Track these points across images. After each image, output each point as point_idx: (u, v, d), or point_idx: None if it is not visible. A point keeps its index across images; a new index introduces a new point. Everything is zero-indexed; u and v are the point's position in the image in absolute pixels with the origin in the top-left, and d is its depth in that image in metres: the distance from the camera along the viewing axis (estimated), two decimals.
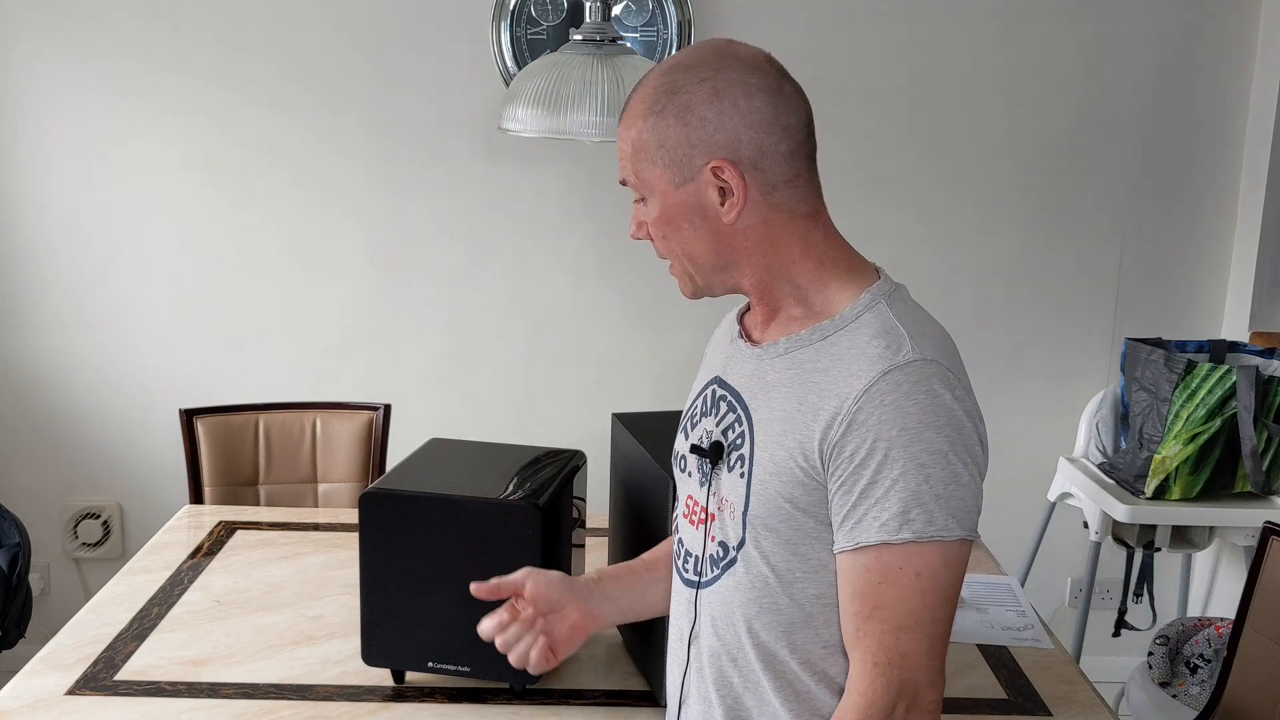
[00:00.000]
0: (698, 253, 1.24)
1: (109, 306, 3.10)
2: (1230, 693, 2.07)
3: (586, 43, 2.02)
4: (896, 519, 1.11)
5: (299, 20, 2.98)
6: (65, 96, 2.99)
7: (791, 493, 1.18)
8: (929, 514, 1.11)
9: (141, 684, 1.72)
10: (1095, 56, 3.08)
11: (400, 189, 3.08)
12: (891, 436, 1.11)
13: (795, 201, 1.21)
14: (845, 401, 1.14)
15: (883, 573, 1.13)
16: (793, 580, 1.21)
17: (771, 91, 1.19)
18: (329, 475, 2.74)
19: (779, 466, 1.19)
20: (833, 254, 1.24)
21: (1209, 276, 3.22)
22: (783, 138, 1.19)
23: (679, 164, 1.20)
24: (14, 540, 2.76)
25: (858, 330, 1.18)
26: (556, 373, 3.19)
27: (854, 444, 1.13)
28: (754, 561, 1.22)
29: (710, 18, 2.99)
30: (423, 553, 1.66)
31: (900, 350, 1.14)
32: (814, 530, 1.18)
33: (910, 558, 1.12)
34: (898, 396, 1.12)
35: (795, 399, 1.19)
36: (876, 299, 1.21)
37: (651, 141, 1.21)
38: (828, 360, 1.18)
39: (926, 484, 1.11)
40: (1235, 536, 2.80)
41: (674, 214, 1.23)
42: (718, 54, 1.20)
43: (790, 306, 1.25)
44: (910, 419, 1.11)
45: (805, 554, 1.20)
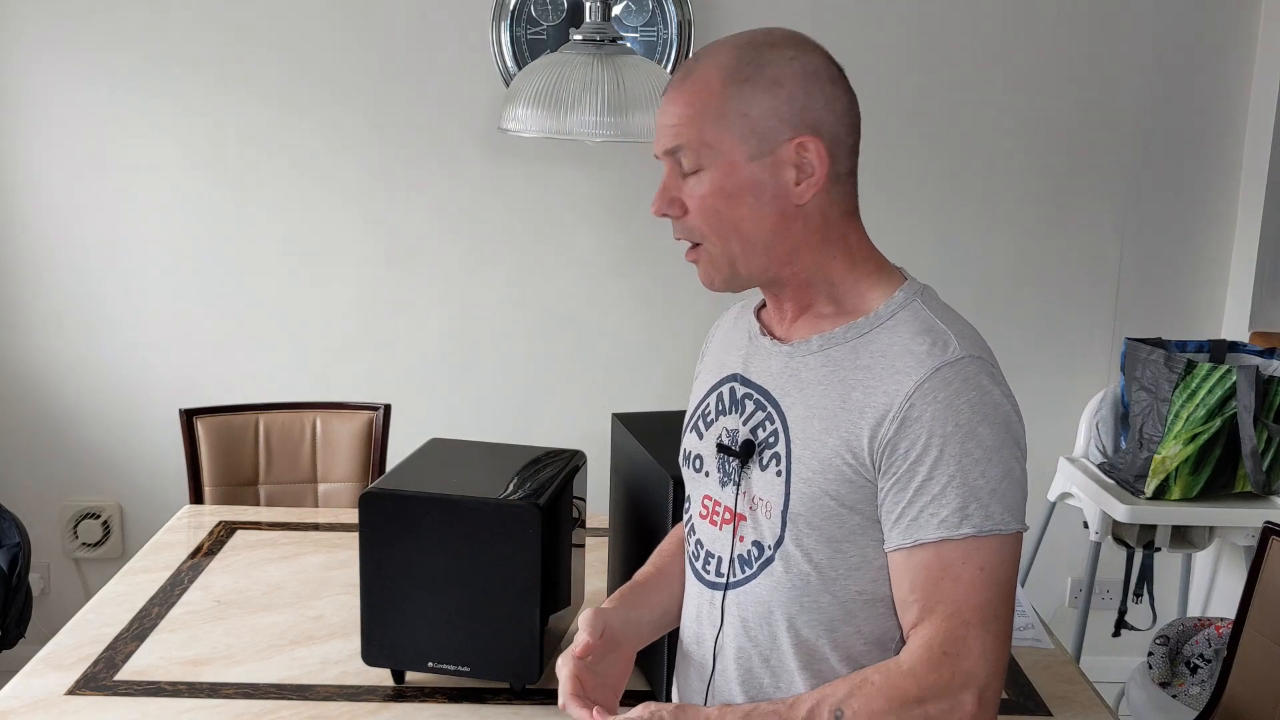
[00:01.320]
0: (753, 232, 1.20)
1: (109, 306, 3.10)
2: (1230, 693, 2.07)
3: (586, 43, 2.02)
4: (956, 515, 1.12)
5: (300, 20, 2.98)
6: (66, 94, 2.99)
7: (837, 490, 1.18)
8: (986, 509, 1.12)
9: (141, 684, 1.72)
10: (1096, 56, 3.08)
11: (401, 189, 3.08)
12: (946, 433, 1.12)
13: (844, 198, 1.22)
14: (896, 399, 1.14)
15: (943, 568, 1.13)
16: (835, 577, 1.20)
17: (846, 86, 1.21)
18: (329, 475, 2.74)
19: (823, 464, 1.18)
20: (864, 254, 1.24)
21: (1209, 276, 3.22)
22: (850, 131, 1.21)
23: (760, 135, 1.17)
24: (14, 540, 2.76)
25: (896, 329, 1.19)
26: (557, 373, 3.19)
27: (908, 441, 1.13)
28: (794, 560, 1.21)
29: (710, 18, 2.99)
30: (423, 553, 1.66)
31: (948, 348, 1.15)
32: (859, 526, 1.18)
33: (971, 553, 1.13)
34: (949, 394, 1.13)
35: (837, 396, 1.19)
36: (910, 298, 1.22)
37: (732, 110, 1.17)
38: (868, 358, 1.18)
39: (983, 479, 1.12)
40: (1235, 536, 2.80)
41: (739, 188, 1.19)
42: (798, 40, 1.21)
43: (822, 304, 1.24)
44: (963, 415, 1.12)
45: (847, 551, 1.19)
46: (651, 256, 3.13)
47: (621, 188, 3.09)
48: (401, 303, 3.14)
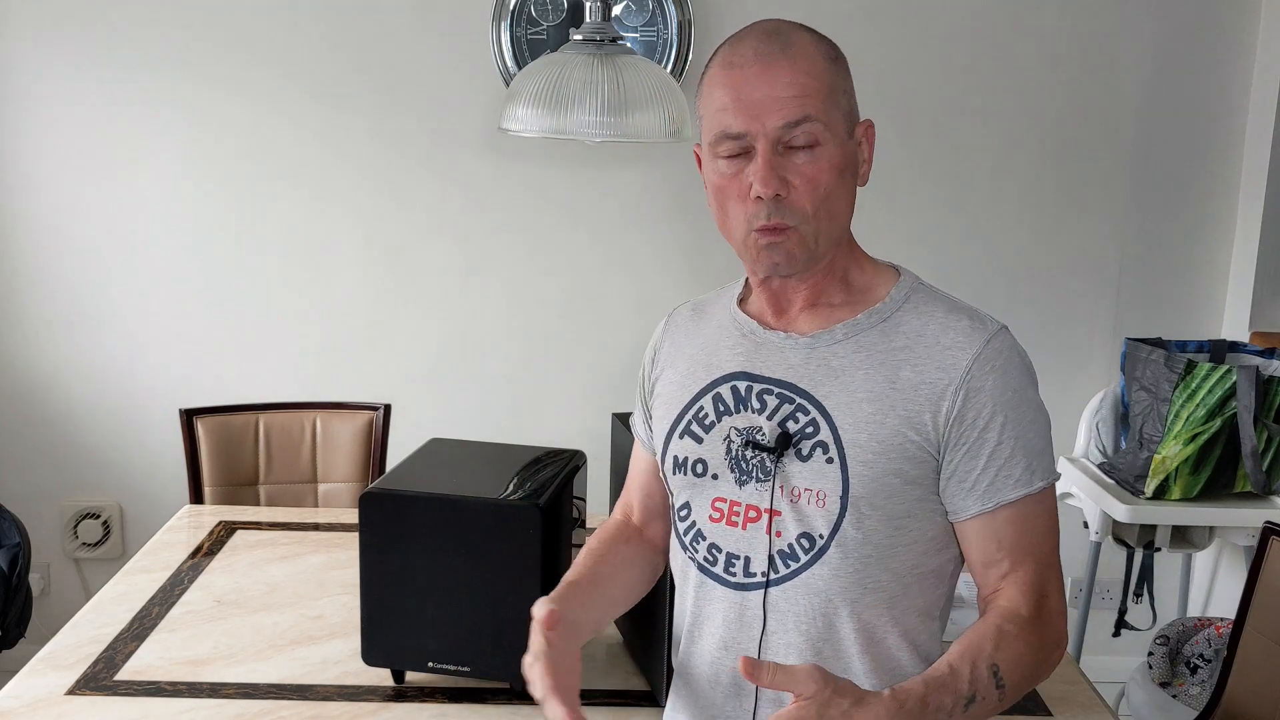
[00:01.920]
0: (843, 211, 1.26)
1: (109, 306, 3.10)
2: (1230, 693, 2.07)
3: (586, 43, 2.02)
4: (1027, 473, 1.21)
5: (299, 20, 2.98)
6: (66, 97, 2.99)
7: (900, 467, 1.22)
8: (1044, 461, 1.23)
9: (141, 684, 1.72)
10: (1096, 56, 3.08)
11: (400, 188, 3.08)
12: (1007, 400, 1.21)
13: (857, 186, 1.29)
14: (955, 373, 1.21)
15: (1024, 522, 1.22)
16: (894, 554, 1.24)
17: None
18: (329, 475, 2.74)
19: (883, 444, 1.21)
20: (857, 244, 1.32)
21: (1209, 276, 3.22)
22: None
23: (849, 115, 1.24)
24: (14, 540, 2.76)
25: (921, 311, 1.26)
26: (556, 373, 3.19)
27: (974, 411, 1.20)
28: (852, 544, 1.23)
29: (710, 18, 2.99)
30: (423, 553, 1.66)
31: (986, 322, 1.24)
32: (920, 500, 1.23)
33: (1042, 501, 1.23)
34: (1002, 362, 1.21)
35: (883, 378, 1.23)
36: (916, 283, 1.30)
37: (838, 86, 1.23)
38: (903, 339, 1.24)
39: (1038, 436, 1.23)
40: (1235, 536, 2.80)
41: (844, 165, 1.23)
42: None
43: (834, 293, 1.29)
44: (1015, 379, 1.22)
45: (906, 527, 1.24)
46: (652, 256, 3.13)
47: (622, 188, 3.09)
48: (402, 302, 3.14)
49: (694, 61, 2.98)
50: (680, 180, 3.09)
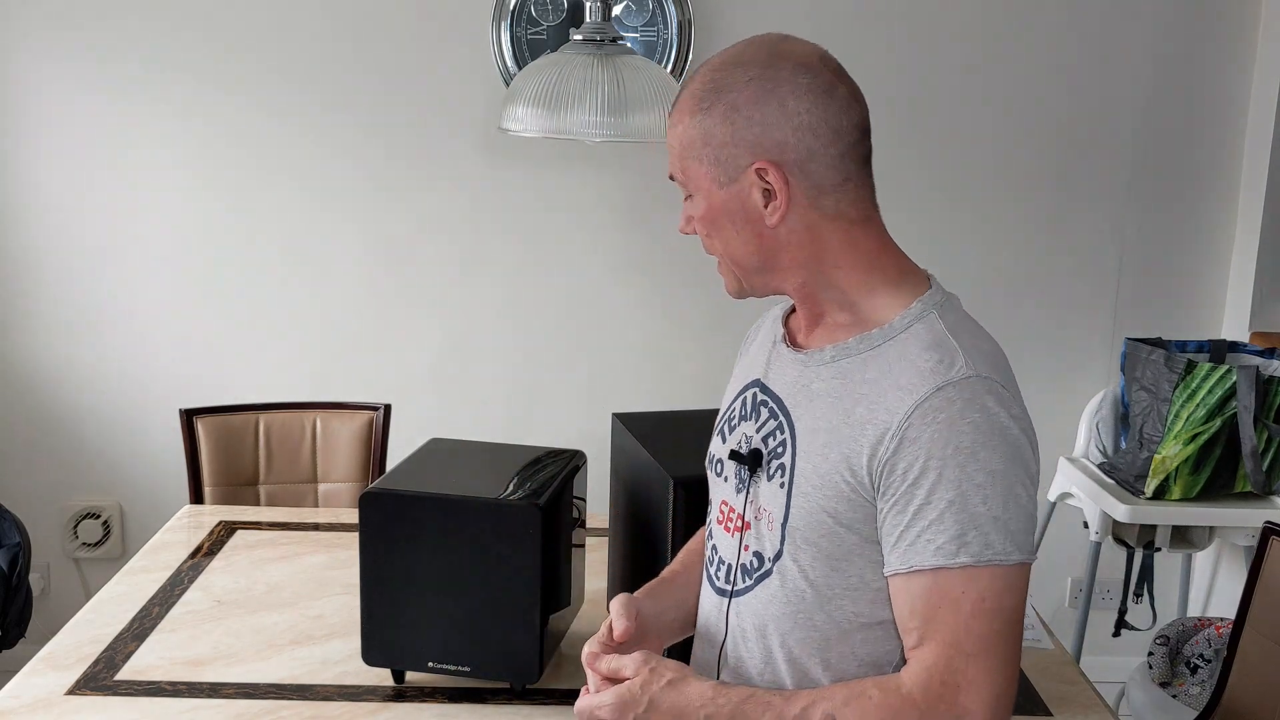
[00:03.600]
0: (740, 254, 1.22)
1: (109, 306, 3.10)
2: (1230, 693, 2.07)
3: (586, 43, 2.02)
4: (953, 542, 1.08)
5: (299, 21, 2.98)
6: (66, 97, 2.99)
7: (835, 507, 1.15)
8: (985, 537, 1.08)
9: (141, 684, 1.72)
10: (1096, 56, 3.08)
11: (400, 189, 3.08)
12: (945, 455, 1.08)
13: (845, 206, 1.19)
14: (896, 416, 1.11)
15: (943, 597, 1.09)
16: (831, 596, 1.17)
17: (822, 92, 1.16)
18: (329, 475, 2.74)
19: (823, 479, 1.16)
20: (883, 261, 1.21)
21: (1209, 276, 3.22)
22: (832, 141, 1.16)
23: (723, 163, 1.17)
24: (14, 540, 2.76)
25: (907, 341, 1.15)
26: (556, 373, 3.19)
27: (906, 462, 1.10)
28: (790, 575, 1.19)
29: (710, 18, 2.99)
30: (423, 553, 1.66)
31: (953, 365, 1.11)
32: (856, 546, 1.15)
33: (970, 581, 1.08)
34: (951, 414, 1.09)
35: (841, 410, 1.16)
36: (928, 309, 1.17)
37: (697, 139, 1.18)
38: (875, 371, 1.15)
39: (983, 505, 1.08)
40: (1235, 536, 2.80)
41: (717, 213, 1.21)
42: (769, 52, 1.18)
43: (835, 313, 1.22)
44: (964, 437, 1.08)
45: (845, 570, 1.16)
46: (651, 256, 3.13)
47: (621, 188, 3.09)
48: (402, 302, 3.14)
49: (694, 61, 2.98)
50: None
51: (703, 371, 3.17)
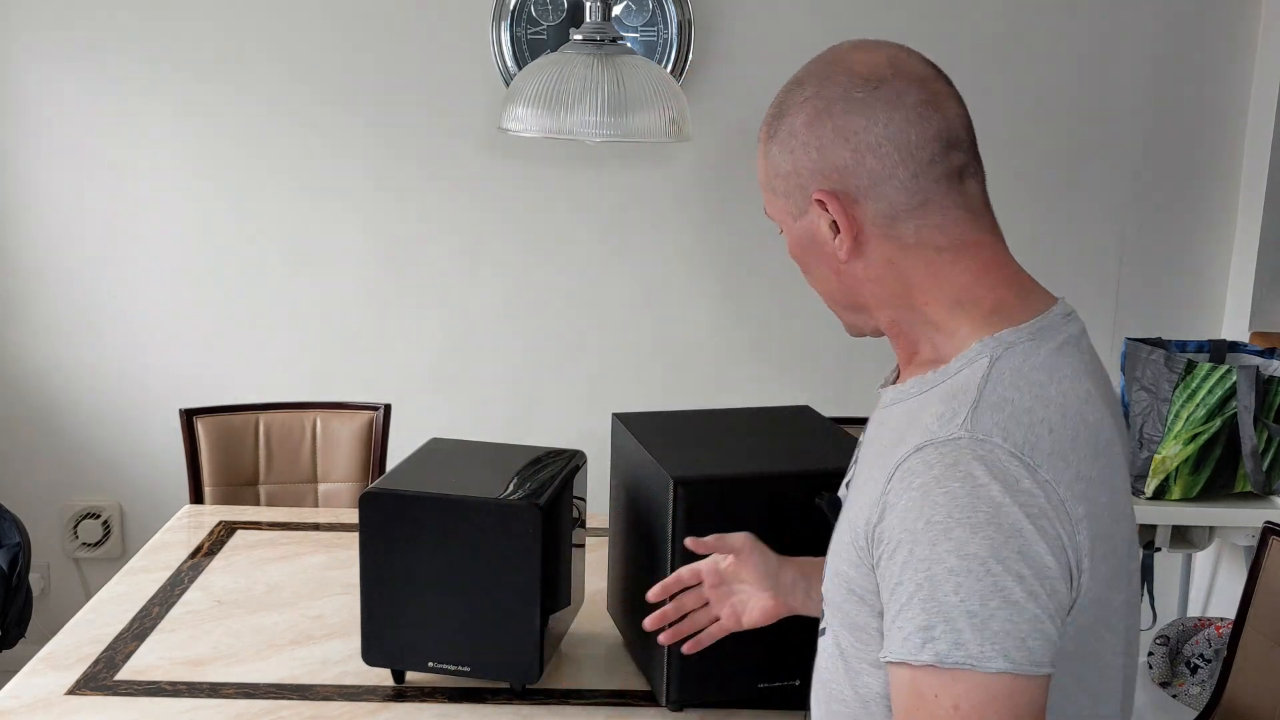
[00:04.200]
0: (829, 291, 1.11)
1: (109, 306, 3.10)
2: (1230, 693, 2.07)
3: (587, 43, 2.02)
4: (919, 634, 0.91)
5: (300, 20, 2.98)
6: (66, 95, 2.99)
7: (849, 573, 1.03)
8: (956, 634, 0.89)
9: (141, 684, 1.72)
10: (1095, 57, 3.08)
11: (400, 189, 3.08)
12: (916, 530, 0.92)
13: (927, 233, 1.02)
14: (885, 477, 0.96)
15: (917, 696, 0.92)
16: (859, 670, 1.05)
17: (884, 105, 1.01)
18: (329, 475, 2.74)
19: (842, 541, 1.05)
20: (979, 294, 1.03)
21: (1209, 276, 3.22)
22: (901, 160, 1.00)
23: (792, 195, 1.06)
24: (14, 540, 2.76)
25: (945, 388, 1.00)
26: (556, 373, 3.19)
27: (889, 531, 0.95)
28: (828, 642, 1.10)
29: (710, 18, 2.99)
30: (423, 553, 1.66)
31: (951, 422, 0.94)
32: (870, 619, 1.01)
33: (945, 684, 0.90)
34: (926, 480, 0.92)
35: (869, 463, 1.05)
36: (985, 351, 1.00)
37: (769, 170, 1.08)
38: (904, 420, 1.01)
39: (955, 595, 0.89)
40: (1235, 536, 2.80)
41: (799, 249, 1.10)
42: (829, 64, 1.05)
43: (926, 350, 1.07)
44: (938, 510, 0.91)
45: (869, 644, 1.02)
46: (651, 256, 3.13)
47: (621, 188, 3.09)
48: (402, 302, 3.14)
49: (694, 61, 2.98)
50: (680, 181, 3.09)
51: (704, 372, 3.17)
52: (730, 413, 1.90)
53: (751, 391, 3.15)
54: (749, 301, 3.14)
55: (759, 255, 3.12)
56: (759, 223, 3.15)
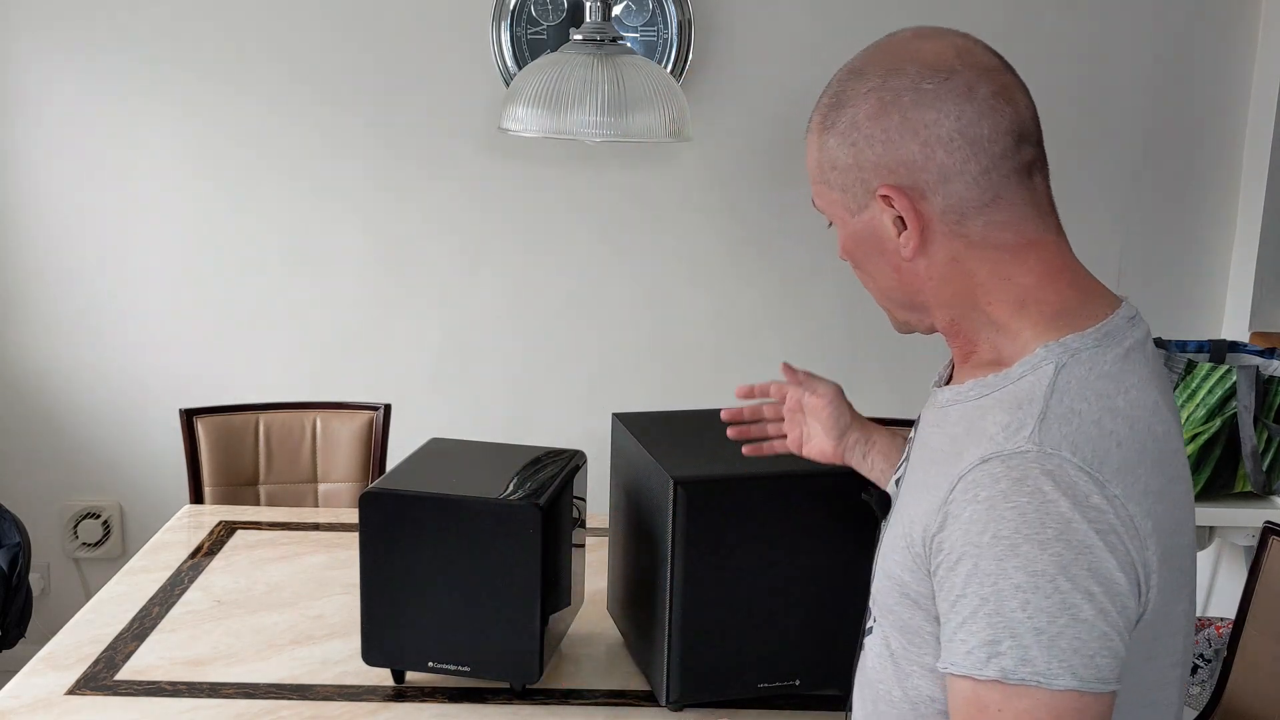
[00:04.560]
0: (884, 288, 1.08)
1: (109, 306, 3.10)
2: (1230, 693, 2.07)
3: (587, 42, 2.02)
4: (984, 648, 0.89)
5: (300, 19, 2.98)
6: (65, 94, 2.99)
7: (902, 576, 1.01)
8: (1024, 650, 0.88)
9: (141, 684, 1.72)
10: (1095, 56, 3.08)
11: (400, 189, 3.08)
12: (982, 544, 0.90)
13: (994, 231, 1.00)
14: (947, 486, 0.94)
15: (979, 709, 0.91)
16: (909, 672, 1.04)
17: (955, 97, 0.97)
18: (329, 475, 2.74)
19: (895, 542, 1.03)
20: (1044, 294, 1.01)
21: (1209, 276, 3.22)
22: (972, 155, 0.97)
23: (851, 189, 1.02)
24: (14, 540, 2.76)
25: (1005, 395, 0.97)
26: (556, 373, 3.19)
27: (950, 542, 0.93)
28: (877, 641, 1.08)
29: (710, 18, 2.99)
30: (423, 553, 1.66)
31: (1018, 434, 0.92)
32: (924, 623, 1.00)
33: (1010, 699, 0.89)
34: (993, 494, 0.90)
35: (925, 466, 1.03)
36: (1051, 358, 0.97)
37: (825, 162, 1.04)
38: (962, 427, 0.99)
39: (1022, 611, 0.88)
40: (1235, 536, 2.80)
41: (855, 244, 1.06)
42: (894, 54, 1.03)
43: (985, 350, 1.04)
44: (1005, 525, 0.89)
45: (920, 645, 1.02)
46: (651, 256, 3.13)
47: (621, 188, 3.09)
48: (401, 302, 3.14)
49: (694, 61, 2.98)
50: (680, 181, 3.09)
51: (704, 371, 3.17)
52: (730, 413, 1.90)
53: None
54: (749, 301, 3.14)
55: (759, 255, 3.12)
56: (759, 223, 3.16)
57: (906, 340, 3.09)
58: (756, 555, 1.62)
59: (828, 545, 1.64)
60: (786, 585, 1.64)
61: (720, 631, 1.63)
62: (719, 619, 1.63)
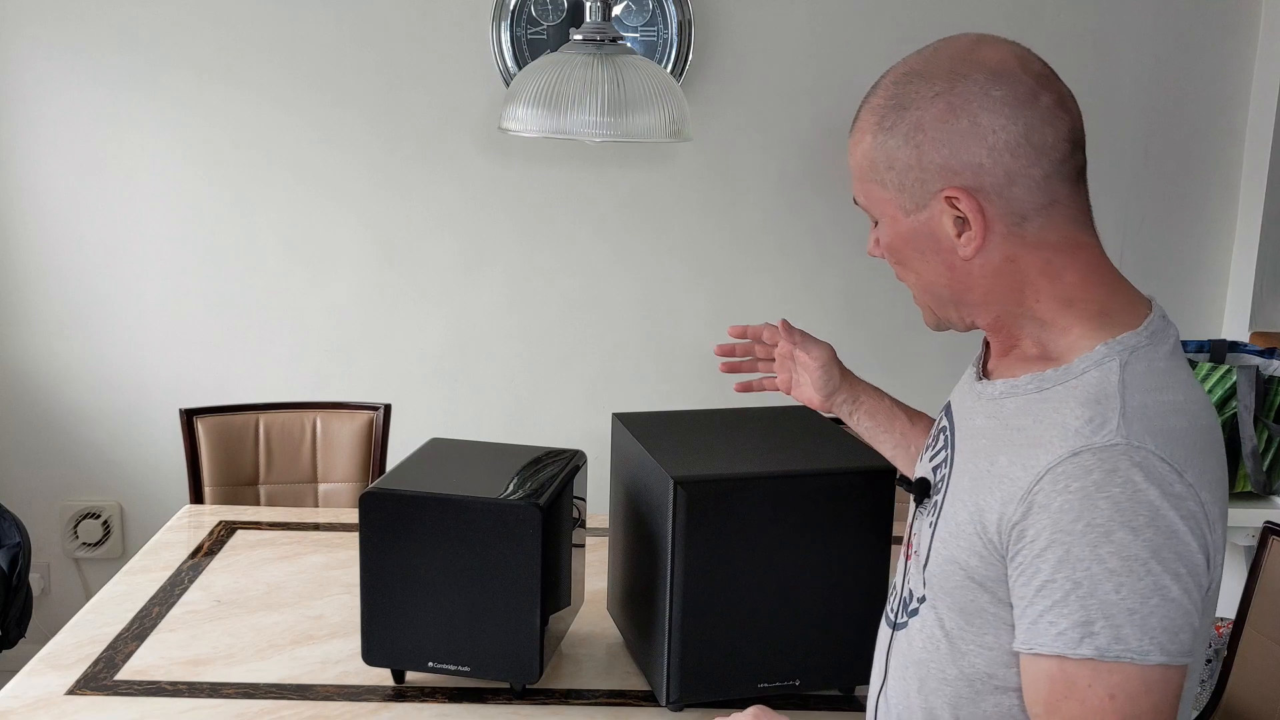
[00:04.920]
0: (931, 286, 1.12)
1: (109, 306, 3.10)
2: (1230, 693, 2.07)
3: (587, 42, 2.02)
4: (1077, 629, 0.95)
5: (300, 19, 2.98)
6: (65, 92, 2.99)
7: (967, 560, 1.06)
8: (1117, 630, 0.94)
9: (141, 684, 1.72)
10: (1096, 57, 3.08)
11: (401, 188, 3.08)
12: (1075, 531, 0.95)
13: (1047, 232, 1.05)
14: (1029, 476, 0.99)
15: (1069, 688, 0.97)
16: (965, 650, 1.08)
17: (1021, 104, 1.02)
18: (329, 475, 2.74)
19: (958, 528, 1.07)
20: (1088, 293, 1.07)
21: (1209, 276, 3.22)
22: (1035, 160, 1.02)
23: (909, 189, 1.06)
24: (14, 540, 2.76)
25: (1073, 390, 1.02)
26: (556, 372, 3.19)
27: (1034, 530, 0.98)
28: (929, 621, 1.12)
29: (710, 18, 2.99)
30: (423, 553, 1.66)
31: (1103, 428, 0.97)
32: (989, 605, 1.05)
33: (1100, 676, 0.95)
34: (1086, 485, 0.95)
35: (989, 455, 1.06)
36: (1112, 354, 1.02)
37: (880, 161, 1.08)
38: (1029, 419, 1.04)
39: (1116, 594, 0.94)
40: (1235, 536, 2.80)
41: (904, 243, 1.10)
42: (959, 59, 1.06)
43: (1028, 345, 1.09)
44: (1099, 514, 0.94)
45: (980, 627, 1.07)
46: (651, 256, 3.13)
47: (621, 188, 3.09)
48: (402, 302, 3.14)
49: (694, 61, 2.98)
50: (680, 180, 3.09)
51: (704, 372, 3.17)
52: (730, 413, 1.90)
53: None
54: (749, 301, 3.14)
55: (759, 255, 3.12)
56: (759, 223, 3.16)
57: (905, 339, 3.11)
58: (756, 555, 1.62)
59: (828, 545, 1.64)
60: (786, 585, 1.64)
61: (720, 631, 1.63)
62: (719, 619, 1.63)
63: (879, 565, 1.67)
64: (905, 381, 3.17)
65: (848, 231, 3.09)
